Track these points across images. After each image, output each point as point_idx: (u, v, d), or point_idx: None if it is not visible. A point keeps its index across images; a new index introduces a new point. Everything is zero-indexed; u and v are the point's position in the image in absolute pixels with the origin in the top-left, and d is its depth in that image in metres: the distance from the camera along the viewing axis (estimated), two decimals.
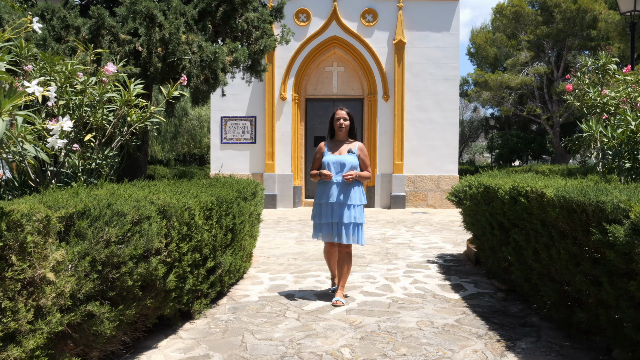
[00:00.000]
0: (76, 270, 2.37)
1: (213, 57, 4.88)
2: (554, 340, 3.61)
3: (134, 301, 2.93)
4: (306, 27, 13.66)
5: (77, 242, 2.41)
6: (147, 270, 2.96)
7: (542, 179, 4.35)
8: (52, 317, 2.21)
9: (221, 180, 5.08)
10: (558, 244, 3.46)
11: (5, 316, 1.97)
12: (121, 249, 2.68)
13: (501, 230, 4.66)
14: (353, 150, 4.66)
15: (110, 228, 2.59)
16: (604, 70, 4.68)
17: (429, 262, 6.49)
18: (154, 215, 3.02)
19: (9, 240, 1.99)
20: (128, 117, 3.96)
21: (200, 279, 3.98)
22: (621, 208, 2.72)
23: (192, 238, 3.61)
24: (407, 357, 3.30)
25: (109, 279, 2.66)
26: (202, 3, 5.35)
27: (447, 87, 13.70)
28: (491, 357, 3.31)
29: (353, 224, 4.53)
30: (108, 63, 3.27)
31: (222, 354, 3.35)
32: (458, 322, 4.02)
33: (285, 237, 8.51)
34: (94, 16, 4.62)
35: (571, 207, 3.16)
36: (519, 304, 4.53)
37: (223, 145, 13.91)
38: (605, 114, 4.56)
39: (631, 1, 7.73)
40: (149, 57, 4.99)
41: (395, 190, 13.46)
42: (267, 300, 4.68)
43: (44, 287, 2.15)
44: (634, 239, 2.56)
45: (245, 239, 5.18)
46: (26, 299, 2.09)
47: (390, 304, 4.57)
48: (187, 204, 3.50)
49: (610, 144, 4.21)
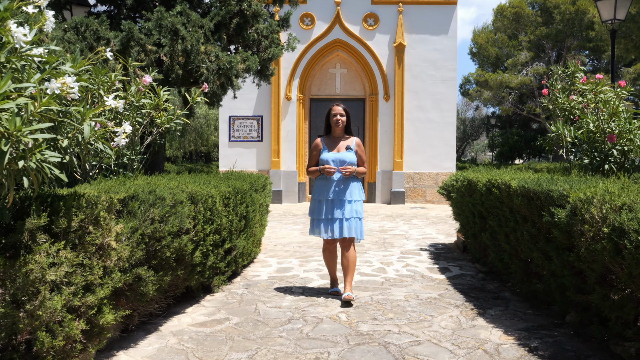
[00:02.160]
0: (130, 241, 3.04)
1: (229, 66, 5.55)
2: (520, 309, 4.26)
3: (169, 270, 3.60)
4: (310, 30, 14.31)
5: (130, 219, 3.08)
6: (180, 245, 3.63)
7: (513, 173, 5.00)
8: (115, 275, 2.88)
9: (235, 174, 5.75)
10: (521, 227, 4.11)
11: (85, 271, 2.64)
12: (162, 226, 3.35)
13: (480, 218, 5.31)
14: (351, 146, 4.67)
15: (154, 209, 3.26)
16: (572, 77, 5.32)
17: (422, 249, 7.14)
18: (185, 200, 3.69)
19: (88, 214, 2.66)
20: (157, 119, 4.63)
21: (219, 258, 4.65)
22: (564, 195, 3.37)
23: (214, 221, 4.28)
24: (393, 319, 3.97)
25: (153, 249, 3.33)
26: (218, 16, 6.01)
27: (445, 88, 14.33)
28: (464, 320, 3.97)
29: (354, 218, 4.55)
30: (145, 75, 3.93)
31: (239, 317, 4.02)
32: (440, 296, 4.68)
33: (291, 229, 9.18)
34: (124, 29, 5.30)
35: (529, 195, 3.81)
36: (495, 282, 5.18)
37: (231, 143, 14.59)
38: (572, 116, 5.20)
39: (611, 10, 8.33)
40: (171, 65, 5.66)
41: (395, 187, 14.11)
42: (276, 279, 5.34)
43: (110, 252, 2.82)
44: (572, 219, 3.21)
45: (256, 226, 5.84)
46: (97, 259, 2.75)
47: (383, 282, 5.23)
48: (210, 193, 4.17)
49: (574, 142, 4.85)
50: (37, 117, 2.06)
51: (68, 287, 2.53)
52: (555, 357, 3.21)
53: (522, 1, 27.85)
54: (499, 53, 31.36)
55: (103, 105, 2.48)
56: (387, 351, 3.33)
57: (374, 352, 3.31)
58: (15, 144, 1.90)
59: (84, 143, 2.51)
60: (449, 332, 3.71)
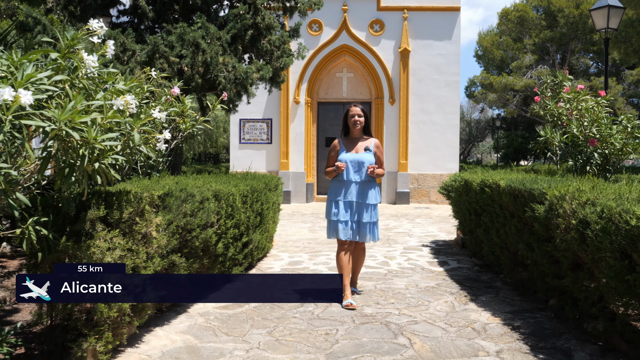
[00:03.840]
0: (166, 231, 3.55)
1: (245, 76, 6.07)
2: (509, 296, 4.74)
3: (197, 258, 4.11)
4: (318, 36, 14.83)
5: (167, 213, 3.59)
6: (206, 237, 4.13)
7: (503, 174, 5.48)
8: (155, 260, 3.39)
9: (250, 175, 6.26)
10: (509, 222, 4.59)
11: (133, 255, 3.15)
12: (192, 219, 3.86)
13: (476, 216, 5.79)
14: (370, 147, 4.58)
15: (186, 204, 3.77)
16: (560, 86, 5.78)
17: (423, 246, 7.62)
18: (211, 197, 4.20)
19: (135, 208, 3.17)
20: (182, 125, 5.14)
21: (238, 250, 5.16)
22: (543, 193, 3.85)
23: (234, 217, 4.79)
24: (394, 304, 4.46)
25: (184, 240, 3.84)
26: (234, 29, 6.53)
27: (448, 91, 14.80)
28: (457, 305, 4.45)
29: (370, 223, 4.55)
30: (174, 87, 4.45)
31: (256, 302, 4.52)
32: (437, 285, 5.16)
33: (300, 227, 9.68)
34: (150, 43, 5.83)
35: (515, 193, 4.29)
36: (489, 274, 5.66)
37: (242, 145, 15.13)
38: (560, 122, 5.66)
39: (605, 19, 8.77)
40: (192, 74, 6.18)
41: (400, 187, 14.59)
42: (288, 270, 5.84)
43: (151, 240, 3.33)
44: (549, 214, 3.69)
45: (269, 222, 6.35)
46: (142, 246, 3.26)
47: (386, 274, 5.71)
48: (231, 191, 4.68)
49: (561, 146, 5.32)
50: (103, 127, 2.57)
51: None
52: (534, 334, 3.69)
53: (527, 5, 28.24)
54: (504, 56, 31.72)
55: (149, 116, 2.98)
56: (388, 329, 3.82)
57: (376, 329, 3.80)
58: (91, 149, 2.41)
59: (134, 148, 3.01)
60: (443, 314, 4.20)
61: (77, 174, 2.42)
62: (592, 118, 4.98)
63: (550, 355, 3.30)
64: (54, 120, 2.32)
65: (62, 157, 2.37)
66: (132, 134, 2.88)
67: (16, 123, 2.21)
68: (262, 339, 3.64)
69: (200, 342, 3.55)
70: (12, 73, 2.42)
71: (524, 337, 3.62)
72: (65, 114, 2.30)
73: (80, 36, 2.82)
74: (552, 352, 3.35)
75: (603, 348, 3.41)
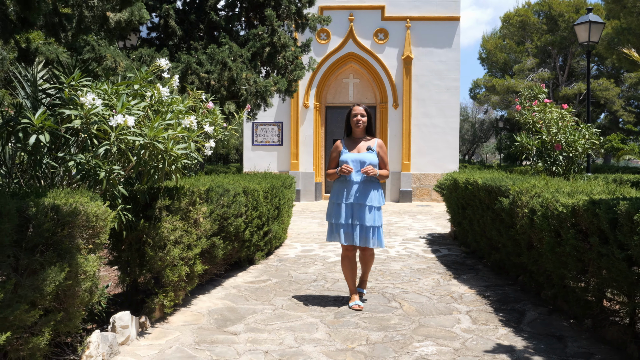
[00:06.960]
0: (209, 218, 4.54)
1: (264, 89, 7.05)
2: (486, 275, 5.70)
3: (230, 241, 5.10)
4: (326, 44, 15.81)
5: (209, 204, 4.58)
6: (237, 224, 5.12)
7: (485, 173, 6.43)
8: (202, 240, 4.38)
9: (269, 174, 7.25)
10: (486, 213, 5.55)
11: (188, 235, 4.14)
12: (228, 210, 4.84)
13: (462, 209, 6.75)
14: (372, 147, 4.45)
15: (223, 198, 4.76)
16: (536, 97, 6.73)
17: (420, 237, 8.58)
18: (241, 192, 5.19)
19: (189, 199, 4.16)
20: (214, 132, 6.14)
21: (260, 238, 6.15)
22: (508, 188, 4.81)
23: (258, 209, 5.78)
24: (390, 280, 5.43)
25: (221, 226, 4.83)
26: (254, 48, 7.53)
27: (448, 96, 15.74)
28: (442, 281, 5.42)
29: (373, 227, 4.39)
30: (209, 102, 5.44)
31: (277, 279, 5.51)
32: (428, 267, 6.13)
33: (310, 222, 10.66)
34: (183, 61, 6.84)
35: (488, 189, 5.26)
36: (473, 259, 6.61)
37: (254, 147, 16.15)
38: (534, 129, 6.61)
39: (586, 33, 9.65)
40: (218, 87, 7.18)
41: (403, 186, 15.54)
42: (301, 257, 6.83)
43: (200, 224, 4.32)
44: (512, 205, 4.65)
45: (284, 216, 7.34)
46: (194, 228, 4.25)
47: (385, 259, 6.68)
48: (256, 187, 5.67)
49: (533, 150, 6.28)
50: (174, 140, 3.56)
51: (179, 245, 4.03)
52: (500, 300, 4.65)
53: (528, 10, 29.07)
54: (507, 58, 32.54)
55: (201, 129, 3.96)
56: (384, 297, 4.80)
57: (374, 297, 4.78)
58: (168, 156, 3.40)
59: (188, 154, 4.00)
60: (429, 287, 5.17)
61: (160, 173, 3.41)
62: (558, 126, 5.93)
63: (508, 314, 4.26)
64: (144, 135, 3.32)
65: (149, 162, 3.37)
66: (189, 144, 3.88)
67: (122, 138, 3.21)
68: (284, 302, 4.63)
69: (236, 305, 4.55)
70: (110, 100, 3.43)
71: (490, 302, 4.59)
72: (152, 131, 3.30)
73: (151, 70, 3.84)
74: (510, 312, 4.31)
75: (551, 310, 4.37)
